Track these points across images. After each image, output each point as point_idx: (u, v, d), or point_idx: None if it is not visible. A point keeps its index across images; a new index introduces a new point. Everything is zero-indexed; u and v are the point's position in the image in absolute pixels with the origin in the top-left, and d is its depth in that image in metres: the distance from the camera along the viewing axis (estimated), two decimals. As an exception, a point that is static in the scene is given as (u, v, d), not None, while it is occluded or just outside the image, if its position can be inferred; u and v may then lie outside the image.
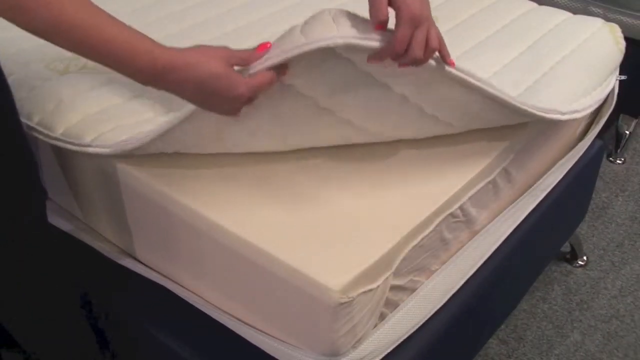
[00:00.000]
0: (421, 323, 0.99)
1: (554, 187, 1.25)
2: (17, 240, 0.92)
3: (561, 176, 1.27)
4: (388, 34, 0.83)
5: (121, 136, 0.98)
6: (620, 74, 1.32)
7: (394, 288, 0.94)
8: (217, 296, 1.00)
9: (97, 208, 1.13)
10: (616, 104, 1.32)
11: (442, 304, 1.02)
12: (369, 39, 0.83)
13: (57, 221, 1.17)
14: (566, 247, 1.69)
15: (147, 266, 1.09)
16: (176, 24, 1.32)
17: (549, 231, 1.39)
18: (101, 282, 1.20)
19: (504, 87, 1.12)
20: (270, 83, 0.84)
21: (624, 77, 1.32)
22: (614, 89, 1.30)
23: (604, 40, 1.30)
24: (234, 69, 0.82)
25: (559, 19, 1.35)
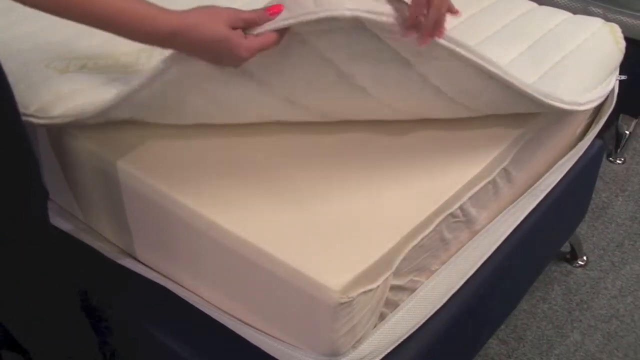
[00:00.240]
0: (421, 323, 0.99)
1: (554, 187, 1.25)
2: (18, 240, 0.92)
3: (561, 176, 1.27)
4: (403, 6, 0.83)
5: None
6: (620, 74, 1.32)
7: (394, 288, 0.94)
8: (217, 296, 1.00)
9: (97, 208, 1.13)
10: (616, 104, 1.32)
11: (442, 304, 1.02)
12: (379, 13, 0.82)
13: (57, 221, 1.17)
14: (566, 247, 1.69)
15: (147, 266, 1.09)
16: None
17: (549, 231, 1.39)
18: (101, 282, 1.20)
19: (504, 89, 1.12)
20: (272, 45, 0.86)
21: (624, 77, 1.32)
22: (614, 89, 1.30)
23: (604, 40, 1.30)
24: (236, 31, 0.84)
25: (559, 19, 1.35)
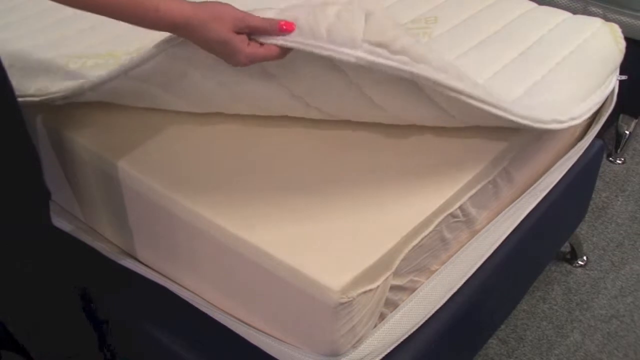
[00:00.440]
0: (421, 323, 0.99)
1: (554, 187, 1.25)
2: (19, 240, 0.92)
3: (561, 176, 1.27)
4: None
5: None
6: (620, 74, 1.32)
7: (394, 288, 0.94)
8: (217, 296, 1.00)
9: (98, 208, 1.13)
10: (616, 104, 1.32)
11: (442, 304, 1.02)
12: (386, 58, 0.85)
13: (57, 221, 1.17)
14: (566, 247, 1.69)
15: (147, 266, 1.09)
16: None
17: (549, 231, 1.39)
18: (101, 282, 1.20)
19: (504, 90, 1.12)
20: (274, 59, 0.86)
21: (624, 77, 1.32)
22: (614, 89, 1.30)
23: (604, 40, 1.30)
24: (240, 36, 0.83)
25: (559, 19, 1.35)
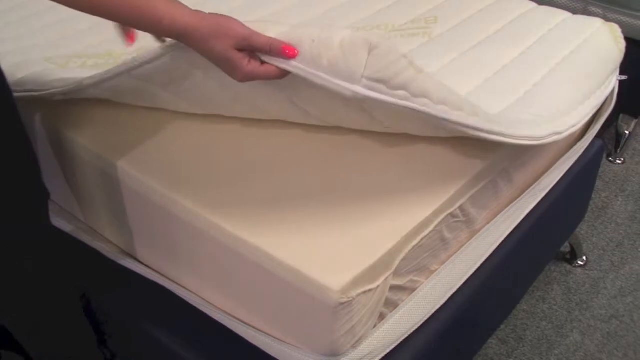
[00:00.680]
0: (421, 323, 0.99)
1: (554, 187, 1.25)
2: (18, 240, 0.92)
3: (561, 176, 1.27)
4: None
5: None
6: (621, 74, 1.32)
7: (394, 288, 0.94)
8: (217, 296, 1.00)
9: (98, 208, 1.13)
10: (616, 104, 1.32)
11: (441, 304, 1.02)
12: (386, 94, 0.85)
13: (57, 221, 1.17)
14: (566, 247, 1.69)
15: (147, 266, 1.09)
16: None
17: (549, 231, 1.39)
18: (101, 282, 1.20)
19: (503, 90, 1.12)
20: (273, 79, 0.86)
21: (624, 77, 1.32)
22: (614, 89, 1.30)
23: (604, 40, 1.30)
24: (240, 54, 0.83)
25: (559, 19, 1.35)
